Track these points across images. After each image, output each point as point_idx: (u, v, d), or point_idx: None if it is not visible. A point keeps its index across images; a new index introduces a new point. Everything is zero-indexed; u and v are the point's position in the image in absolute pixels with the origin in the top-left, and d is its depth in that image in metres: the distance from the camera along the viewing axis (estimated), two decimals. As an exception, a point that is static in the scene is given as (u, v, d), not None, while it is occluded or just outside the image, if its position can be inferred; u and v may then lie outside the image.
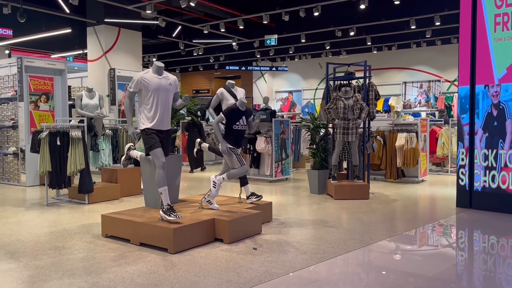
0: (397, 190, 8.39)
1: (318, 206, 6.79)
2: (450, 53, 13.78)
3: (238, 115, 5.03)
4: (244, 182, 5.69)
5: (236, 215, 4.88)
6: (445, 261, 4.27)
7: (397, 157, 9.33)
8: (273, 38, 10.98)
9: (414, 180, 9.39)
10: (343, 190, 7.42)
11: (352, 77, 7.95)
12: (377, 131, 9.79)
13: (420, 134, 9.37)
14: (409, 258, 4.40)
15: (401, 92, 14.65)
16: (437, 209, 6.67)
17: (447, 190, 8.37)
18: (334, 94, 7.72)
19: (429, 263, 4.18)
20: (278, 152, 9.64)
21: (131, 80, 4.68)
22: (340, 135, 7.59)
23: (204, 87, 20.38)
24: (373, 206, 6.81)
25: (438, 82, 14.04)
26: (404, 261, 4.27)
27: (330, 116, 7.64)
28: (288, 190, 8.57)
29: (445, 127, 10.95)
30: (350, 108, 7.54)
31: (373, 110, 7.92)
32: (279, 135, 9.67)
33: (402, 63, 14.70)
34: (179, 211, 5.07)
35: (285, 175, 9.88)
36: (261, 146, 9.45)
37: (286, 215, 6.13)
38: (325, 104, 7.89)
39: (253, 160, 9.91)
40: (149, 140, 4.59)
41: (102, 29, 10.99)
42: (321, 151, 8.07)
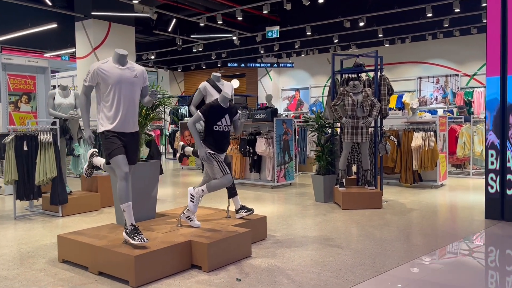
0: (414, 197, 7.42)
1: (323, 218, 5.87)
2: (470, 45, 12.72)
3: (219, 113, 4.14)
4: (232, 193, 4.81)
5: (218, 235, 4.00)
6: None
7: (413, 159, 8.36)
8: (275, 30, 10.09)
9: (432, 185, 8.40)
10: (352, 198, 6.49)
11: (362, 70, 7.01)
12: (391, 130, 8.83)
13: (438, 133, 8.38)
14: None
15: (416, 88, 13.62)
16: (462, 221, 5.70)
17: (471, 197, 7.37)
18: (341, 89, 6.80)
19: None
20: (281, 154, 8.74)
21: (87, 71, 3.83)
22: (348, 135, 6.66)
23: (207, 86, 19.59)
24: (387, 217, 5.87)
25: (456, 77, 12.98)
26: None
27: (336, 114, 6.72)
28: (291, 197, 7.67)
29: (466, 125, 9.92)
30: (359, 104, 6.61)
31: (386, 107, 6.98)
32: (282, 136, 8.77)
33: (416, 57, 13.67)
34: (151, 230, 4.21)
35: (289, 180, 8.98)
36: (262, 148, 8.56)
37: (284, 231, 5.23)
38: (331, 101, 6.97)
39: (253, 163, 9.03)
40: (109, 145, 3.74)
41: (91, 24, 10.22)
42: (327, 154, 7.14)
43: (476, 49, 12.59)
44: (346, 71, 7.16)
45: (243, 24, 12.15)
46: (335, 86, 7.32)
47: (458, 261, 4.24)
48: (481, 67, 12.59)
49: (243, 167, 9.32)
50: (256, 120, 8.88)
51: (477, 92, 12.42)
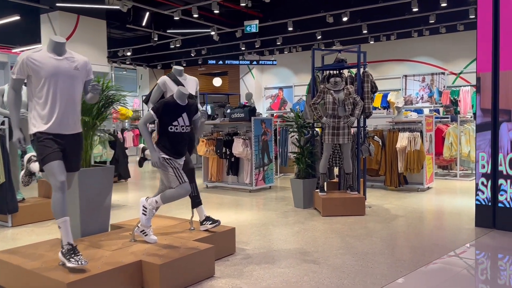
0: (399, 202, 6.97)
1: (301, 227, 5.36)
2: (456, 42, 12.38)
3: (175, 112, 3.58)
4: (196, 202, 4.27)
5: (175, 254, 3.45)
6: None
7: (398, 161, 7.92)
8: (254, 24, 9.56)
9: (418, 188, 7.97)
10: (333, 204, 6.00)
11: (343, 66, 6.52)
12: (375, 130, 8.38)
13: (425, 134, 7.95)
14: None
15: (401, 87, 13.24)
16: (451, 230, 5.25)
17: (459, 201, 6.95)
18: (321, 87, 6.30)
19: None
20: (259, 156, 8.22)
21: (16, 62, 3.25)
22: (329, 136, 6.17)
23: (189, 84, 18.97)
24: (370, 226, 5.39)
25: (442, 75, 12.63)
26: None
27: (316, 113, 6.22)
28: (269, 202, 7.15)
29: (453, 125, 9.54)
30: (341, 103, 6.12)
31: (369, 106, 6.50)
32: (260, 136, 8.25)
33: (402, 55, 13.29)
34: (98, 247, 3.64)
35: (268, 183, 8.46)
36: (239, 149, 8.02)
37: (257, 242, 4.70)
38: (311, 99, 6.47)
39: (231, 166, 8.48)
40: (42, 149, 3.16)
41: (57, 16, 9.56)
42: (307, 156, 6.64)
43: (463, 47, 12.26)
44: (327, 67, 6.68)
45: (222, 19, 11.61)
46: (315, 83, 6.82)
47: (448, 280, 3.77)
48: (468, 65, 12.27)
49: (220, 170, 8.78)
50: (233, 119, 8.34)
51: (463, 91, 12.07)
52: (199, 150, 8.67)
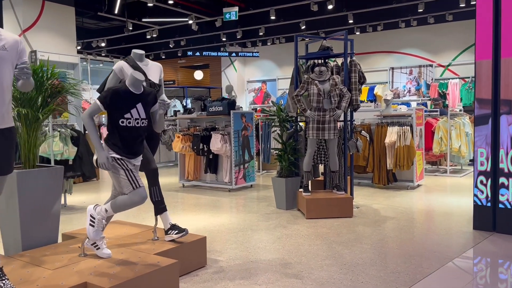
0: (389, 201, 6.50)
1: (283, 232, 4.83)
2: (445, 34, 11.97)
3: (128, 102, 2.98)
4: (159, 208, 3.69)
5: (129, 273, 2.88)
6: None
7: (387, 157, 7.45)
8: (233, 12, 8.95)
9: (408, 185, 7.51)
10: (318, 206, 5.48)
11: (329, 54, 5.99)
12: (362, 124, 7.89)
13: (415, 128, 7.49)
14: None
15: (388, 80, 12.81)
16: (447, 234, 4.78)
17: (452, 200, 6.51)
18: (304, 77, 5.76)
19: None
20: (239, 153, 7.66)
21: None
22: (313, 131, 5.64)
23: (169, 77, 18.21)
24: (359, 230, 4.89)
25: (430, 67, 12.22)
26: None
27: (299, 105, 5.68)
28: (250, 203, 6.60)
29: (443, 119, 9.12)
30: (326, 94, 5.59)
31: (357, 97, 5.99)
32: (240, 132, 7.68)
33: (389, 46, 12.85)
34: (39, 264, 3.04)
35: (249, 181, 7.90)
36: (217, 146, 7.44)
37: (232, 252, 4.15)
38: (294, 90, 5.93)
39: (209, 163, 7.91)
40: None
41: (20, 2, 8.79)
42: (290, 153, 6.10)
43: (451, 38, 11.86)
44: (311, 55, 6.13)
45: (201, 8, 10.96)
46: (298, 73, 6.27)
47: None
48: (456, 57, 11.89)
49: (197, 168, 8.19)
50: (211, 113, 7.75)
51: (452, 84, 11.69)
52: (175, 146, 8.07)
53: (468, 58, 11.70)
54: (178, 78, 18.24)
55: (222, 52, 13.73)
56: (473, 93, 11.50)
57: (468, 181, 8.27)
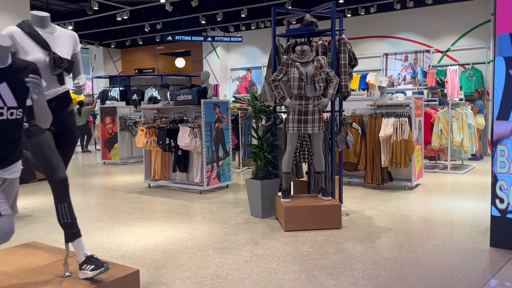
0: (383, 205, 5.53)
1: (252, 253, 3.83)
2: (443, 16, 10.97)
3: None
4: (70, 234, 2.66)
5: None
6: None
7: (381, 153, 6.48)
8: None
9: (405, 185, 6.56)
10: (299, 215, 4.49)
11: (313, 31, 4.95)
12: (353, 115, 6.90)
13: (414, 119, 6.51)
14: None
15: (382, 67, 11.82)
16: (459, 253, 3.82)
17: (456, 204, 5.56)
18: (283, 58, 4.73)
19: None
20: (212, 148, 6.63)
21: None
22: (294, 124, 4.63)
23: (148, 65, 17.07)
24: (348, 247, 3.91)
25: (427, 53, 11.23)
26: None
27: (277, 93, 4.66)
28: (221, 209, 5.59)
29: (443, 109, 8.16)
30: (310, 79, 4.58)
31: (347, 83, 4.98)
32: (213, 124, 6.65)
33: (382, 30, 11.82)
34: None
35: (224, 181, 6.90)
36: (185, 140, 6.41)
37: (180, 285, 3.14)
38: (272, 75, 4.89)
39: (178, 160, 6.88)
40: None
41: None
42: (267, 150, 5.09)
43: (450, 21, 10.87)
44: (292, 32, 5.09)
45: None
46: (277, 54, 5.24)
47: None
48: (455, 42, 10.91)
49: (165, 165, 7.16)
50: (179, 103, 6.69)
51: (451, 71, 10.72)
52: (138, 141, 7.02)
53: (468, 42, 10.74)
54: (158, 66, 17.10)
55: (197, 37, 12.58)
56: (473, 81, 10.59)
57: (471, 179, 7.34)
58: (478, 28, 10.56)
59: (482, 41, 10.52)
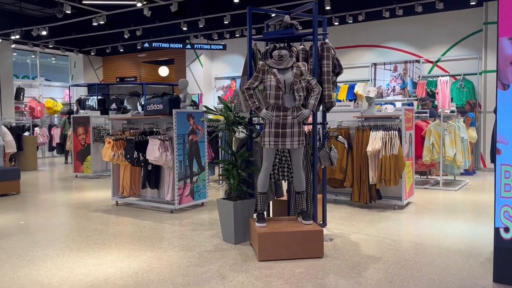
0: (372, 228, 4.99)
1: (217, 290, 3.25)
2: (433, 25, 10.60)
3: None
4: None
5: None
6: None
7: (369, 169, 5.96)
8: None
9: (396, 205, 6.03)
10: (275, 242, 3.92)
11: (293, 34, 4.43)
12: (339, 128, 6.40)
13: (404, 133, 6.02)
14: None
15: (370, 77, 11.39)
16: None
17: (451, 227, 5.05)
18: (259, 64, 4.20)
19: None
20: (185, 163, 6.05)
21: None
22: (270, 138, 4.10)
23: (130, 74, 16.45)
24: (329, 282, 3.35)
25: (417, 63, 10.83)
26: None
27: (251, 102, 4.12)
28: (191, 232, 4.99)
29: (435, 121, 7.70)
30: (288, 87, 4.06)
31: (330, 93, 4.46)
32: (187, 136, 6.08)
33: (371, 40, 11.42)
34: None
35: (199, 199, 6.31)
36: (154, 154, 5.83)
37: (121, 338, 2.54)
38: (246, 81, 4.35)
39: (148, 176, 6.28)
40: None
41: None
42: (241, 167, 4.53)
43: (441, 31, 10.50)
44: (270, 35, 4.57)
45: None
46: (253, 60, 4.72)
47: None
48: (446, 52, 10.53)
49: (135, 180, 6.56)
50: (149, 112, 6.12)
51: (441, 82, 10.32)
52: (104, 154, 6.42)
53: (458, 53, 10.37)
54: (141, 74, 16.50)
55: (176, 44, 12.02)
56: (465, 93, 10.18)
57: (465, 197, 6.85)
58: (470, 37, 10.20)
59: (474, 52, 10.15)
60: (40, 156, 14.52)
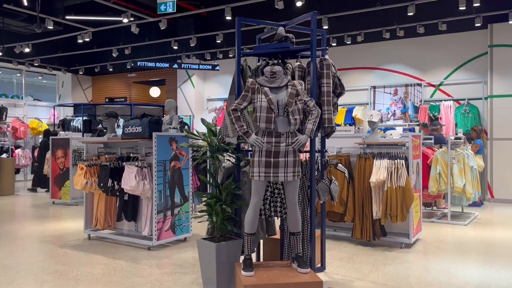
0: (377, 273, 4.30)
1: None
2: (436, 47, 10.15)
3: None
4: None
5: None
6: None
7: (373, 202, 5.30)
8: (169, 2, 6.80)
9: (402, 243, 5.35)
10: (264, 297, 3.22)
11: (288, 48, 3.84)
12: (338, 155, 5.76)
13: (411, 162, 5.39)
14: None
15: (369, 101, 10.87)
16: None
17: (468, 273, 4.36)
18: (248, 82, 3.59)
19: None
20: (166, 193, 5.37)
21: None
22: (260, 168, 3.45)
23: (120, 94, 15.88)
24: None
25: (419, 87, 10.33)
26: None
27: (238, 126, 3.49)
28: (167, 276, 4.27)
29: (442, 148, 7.10)
30: (282, 109, 3.44)
31: (331, 116, 3.84)
32: (169, 163, 5.42)
33: (370, 62, 10.94)
34: None
35: (181, 233, 5.60)
36: (130, 183, 5.15)
37: None
38: (234, 102, 3.73)
39: (124, 207, 5.58)
40: None
41: None
42: (226, 202, 3.86)
43: (444, 53, 10.04)
44: (261, 50, 3.98)
45: (140, 9, 8.82)
46: (242, 78, 4.12)
47: None
48: (449, 75, 10.05)
49: (110, 212, 5.85)
50: (126, 136, 5.47)
51: (445, 106, 9.79)
52: (76, 182, 5.73)
53: (462, 76, 9.88)
54: (131, 95, 15.93)
55: (162, 63, 11.44)
56: (470, 119, 9.61)
57: (476, 234, 6.18)
58: (474, 60, 9.72)
59: (478, 75, 9.66)
60: (22, 179, 13.77)
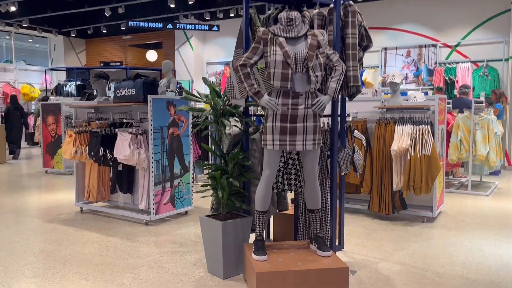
0: (402, 252, 3.83)
1: None
2: (452, 5, 9.40)
3: None
4: None
5: None
6: None
7: (393, 172, 4.78)
8: None
9: (425, 217, 4.87)
10: (280, 284, 2.74)
11: (307, -9, 3.20)
12: (355, 121, 5.19)
13: (437, 128, 4.83)
14: None
15: (380, 63, 10.20)
16: None
17: (503, 250, 3.89)
18: (259, 31, 2.98)
19: None
20: (164, 163, 4.85)
21: None
22: (275, 135, 2.91)
23: (115, 58, 15.11)
24: None
25: (433, 48, 9.65)
26: None
27: (248, 85, 2.91)
28: (167, 256, 3.80)
29: (464, 113, 6.53)
30: (301, 64, 2.86)
31: (356, 73, 3.24)
32: (167, 130, 4.86)
33: (381, 21, 10.19)
34: None
35: (181, 207, 5.12)
36: (124, 152, 4.61)
37: None
38: (242, 56, 3.13)
39: (119, 178, 5.06)
40: None
41: None
42: (234, 174, 3.33)
43: (461, 11, 9.31)
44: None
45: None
46: (251, 29, 3.49)
47: None
48: (467, 35, 9.34)
49: (104, 183, 5.34)
50: (119, 99, 4.88)
51: (461, 69, 9.14)
52: (65, 151, 5.19)
53: (481, 36, 9.18)
54: (127, 59, 15.17)
55: (156, 23, 10.65)
56: (489, 82, 8.99)
57: (501, 205, 5.70)
58: (494, 19, 9.00)
59: (499, 35, 8.96)
60: (14, 147, 13.23)
